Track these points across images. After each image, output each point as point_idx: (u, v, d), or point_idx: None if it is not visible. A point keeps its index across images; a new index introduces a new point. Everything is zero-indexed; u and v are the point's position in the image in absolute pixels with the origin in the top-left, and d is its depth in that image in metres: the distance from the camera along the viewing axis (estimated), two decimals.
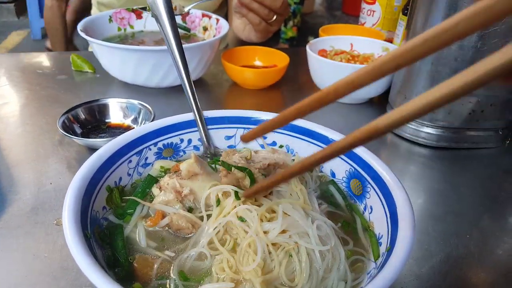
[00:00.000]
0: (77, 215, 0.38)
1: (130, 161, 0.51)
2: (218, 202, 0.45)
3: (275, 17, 1.06)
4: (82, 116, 0.77)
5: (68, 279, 0.48)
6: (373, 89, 0.90)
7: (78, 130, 0.76)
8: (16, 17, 4.83)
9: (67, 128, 0.73)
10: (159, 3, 0.62)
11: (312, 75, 0.96)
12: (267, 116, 0.57)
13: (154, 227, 0.44)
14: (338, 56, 0.98)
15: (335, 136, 0.53)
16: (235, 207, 0.44)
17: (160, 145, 0.55)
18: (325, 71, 0.90)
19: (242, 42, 1.29)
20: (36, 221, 0.57)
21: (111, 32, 1.07)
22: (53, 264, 0.51)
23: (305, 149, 0.56)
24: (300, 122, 0.56)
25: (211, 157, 0.57)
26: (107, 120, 0.79)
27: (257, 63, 1.09)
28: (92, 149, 0.73)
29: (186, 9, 1.09)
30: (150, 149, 0.54)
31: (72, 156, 0.72)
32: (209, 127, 0.58)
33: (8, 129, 0.79)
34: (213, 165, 0.53)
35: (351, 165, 0.51)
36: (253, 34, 1.15)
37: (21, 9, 4.79)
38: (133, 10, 1.11)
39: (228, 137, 0.59)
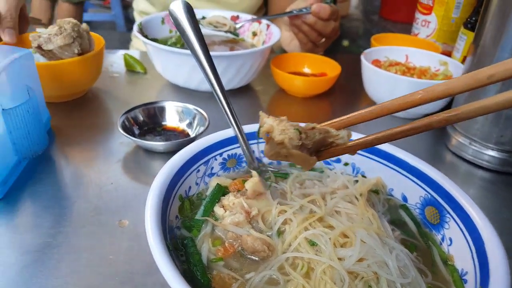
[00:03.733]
0: (158, 225, 0.38)
1: (198, 171, 0.52)
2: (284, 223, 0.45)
3: (323, 40, 1.09)
4: (140, 117, 0.79)
5: (135, 283, 0.49)
6: (431, 105, 0.87)
7: (136, 131, 0.77)
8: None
9: (126, 128, 0.75)
10: (179, 13, 0.59)
11: (366, 86, 0.94)
12: None
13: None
14: (392, 67, 0.96)
15: (401, 154, 0.52)
16: (305, 229, 0.43)
17: (225, 155, 0.55)
18: (381, 83, 0.89)
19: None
20: (100, 221, 0.58)
21: (163, 34, 1.08)
22: (119, 266, 0.51)
23: (373, 169, 0.55)
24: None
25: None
26: (163, 123, 0.80)
27: (306, 70, 1.08)
28: (148, 151, 0.74)
29: (238, 26, 1.11)
30: (216, 159, 0.54)
31: (130, 157, 0.73)
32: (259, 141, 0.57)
33: (68, 123, 0.82)
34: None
35: (427, 191, 0.49)
36: (297, 50, 1.18)
37: None
38: None
39: None
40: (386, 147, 0.54)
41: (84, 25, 0.83)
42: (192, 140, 0.73)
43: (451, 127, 0.82)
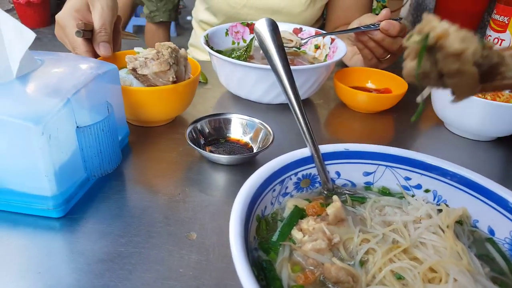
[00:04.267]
0: (243, 246, 0.38)
1: (274, 190, 0.51)
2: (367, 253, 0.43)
3: (388, 56, 1.07)
4: (206, 129, 0.79)
5: None
6: (504, 128, 0.82)
7: (202, 142, 0.78)
8: None
9: (193, 139, 0.76)
10: (265, 35, 0.59)
11: (434, 104, 0.91)
12: (411, 155, 0.54)
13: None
14: None
15: (488, 183, 0.49)
16: (390, 260, 0.42)
17: (299, 175, 0.54)
18: (451, 105, 0.84)
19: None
20: (169, 232, 0.59)
21: (226, 45, 1.10)
22: (188, 280, 0.51)
23: (456, 197, 0.52)
24: (451, 167, 0.52)
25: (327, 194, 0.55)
26: (227, 135, 0.81)
27: (370, 85, 1.05)
28: (212, 163, 0.74)
29: (303, 42, 1.11)
30: (290, 179, 0.53)
31: (195, 168, 0.73)
32: (347, 160, 0.56)
33: (144, 139, 0.83)
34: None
35: None
36: (359, 65, 1.16)
37: None
38: (247, 25, 1.13)
39: (367, 173, 0.56)
40: (470, 174, 0.51)
41: (182, 51, 0.81)
42: (256, 154, 0.73)
43: None
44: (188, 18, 4.93)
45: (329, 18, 1.44)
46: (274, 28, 0.56)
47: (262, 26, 0.56)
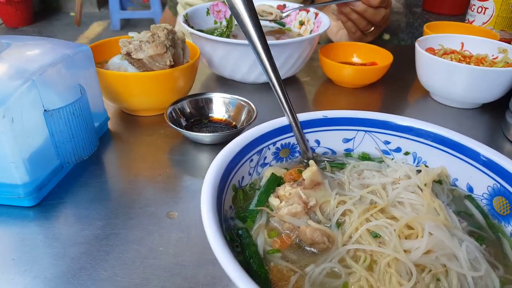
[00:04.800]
0: (215, 215, 0.37)
1: (252, 160, 0.50)
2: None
3: (372, 29, 1.05)
4: (187, 109, 0.78)
5: (185, 276, 0.48)
6: (489, 94, 0.81)
7: (183, 123, 0.77)
8: (98, 8, 5.19)
9: (174, 120, 0.74)
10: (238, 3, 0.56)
11: (419, 74, 0.89)
12: (395, 119, 0.53)
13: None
14: (448, 55, 0.90)
15: (467, 141, 0.48)
16: (366, 220, 0.41)
17: (278, 144, 0.53)
18: (437, 71, 0.83)
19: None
20: (149, 213, 0.58)
21: (208, 25, 1.08)
22: (169, 259, 0.50)
23: (436, 158, 0.51)
24: (428, 127, 0.51)
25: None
26: (210, 115, 0.79)
27: (355, 59, 1.04)
28: (195, 143, 0.73)
29: (284, 15, 1.08)
30: (269, 149, 0.52)
31: (177, 149, 0.72)
32: (326, 128, 0.54)
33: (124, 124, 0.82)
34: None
35: (496, 180, 0.45)
36: (345, 39, 1.14)
37: (102, 1, 5.13)
38: None
39: (347, 140, 0.55)
40: (450, 134, 0.50)
41: (179, 33, 0.76)
42: (240, 132, 0.72)
43: (510, 116, 0.76)
44: None
45: None
46: None
47: None
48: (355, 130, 0.54)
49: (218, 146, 0.73)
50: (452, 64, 0.80)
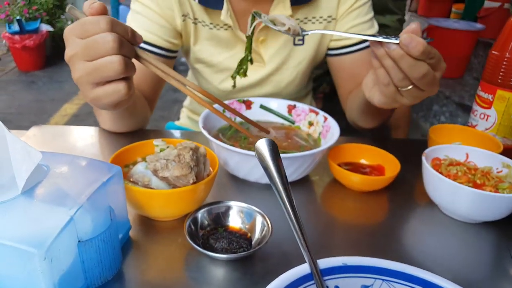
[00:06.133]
0: None
1: None
2: None
3: (409, 87, 0.83)
4: (205, 221, 0.81)
5: None
6: (494, 215, 0.85)
7: (200, 233, 0.79)
8: None
9: (191, 232, 0.77)
10: (264, 150, 0.59)
11: (426, 187, 0.94)
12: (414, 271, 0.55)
13: None
14: (453, 167, 0.95)
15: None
16: None
17: None
18: (442, 189, 0.88)
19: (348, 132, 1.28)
20: None
21: (223, 122, 1.13)
22: None
23: None
24: (449, 285, 0.54)
25: None
26: (226, 223, 0.82)
27: (363, 161, 1.08)
28: (212, 258, 0.75)
29: (304, 33, 0.97)
30: None
31: (194, 263, 0.74)
32: (346, 275, 0.57)
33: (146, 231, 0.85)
34: None
35: None
36: (377, 95, 0.91)
37: None
38: (243, 101, 1.17)
39: (365, 287, 0.58)
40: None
41: (201, 150, 0.81)
42: (254, 251, 0.74)
43: None
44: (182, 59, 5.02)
45: (340, 92, 1.39)
46: (273, 148, 0.59)
47: (263, 146, 0.59)
48: (373, 278, 0.57)
49: (233, 261, 0.75)
50: (458, 186, 0.84)
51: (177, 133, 1.34)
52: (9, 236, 0.53)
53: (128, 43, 0.74)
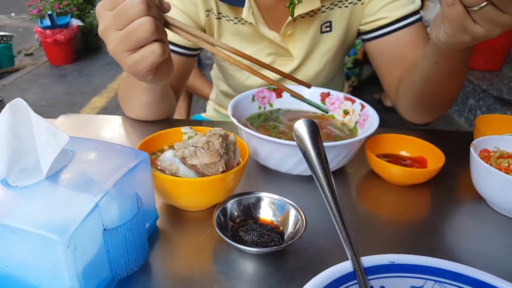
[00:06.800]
0: None
1: None
2: None
3: (483, 4, 0.61)
4: (234, 212, 0.77)
5: None
6: None
7: (229, 224, 0.75)
8: None
9: (220, 223, 0.73)
10: (302, 131, 0.55)
11: (474, 181, 0.86)
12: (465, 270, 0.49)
13: None
14: (504, 159, 0.87)
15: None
16: None
17: None
18: (492, 182, 0.80)
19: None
20: None
21: (253, 111, 1.08)
22: None
23: None
24: (507, 286, 0.48)
25: None
26: (257, 215, 0.78)
27: (403, 153, 1.01)
28: (242, 252, 0.71)
29: None
30: None
31: (223, 256, 0.70)
32: (392, 274, 0.51)
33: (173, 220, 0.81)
34: None
35: None
36: (443, 29, 0.73)
37: None
38: (274, 90, 1.12)
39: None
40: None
41: (231, 137, 0.77)
42: (286, 246, 0.69)
43: None
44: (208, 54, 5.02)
45: (382, 73, 1.25)
46: (313, 129, 0.53)
47: (301, 127, 0.53)
48: (424, 279, 0.51)
49: (264, 255, 0.71)
50: (511, 179, 0.76)
51: (204, 123, 1.30)
52: (32, 223, 0.50)
53: (156, 8, 0.74)
